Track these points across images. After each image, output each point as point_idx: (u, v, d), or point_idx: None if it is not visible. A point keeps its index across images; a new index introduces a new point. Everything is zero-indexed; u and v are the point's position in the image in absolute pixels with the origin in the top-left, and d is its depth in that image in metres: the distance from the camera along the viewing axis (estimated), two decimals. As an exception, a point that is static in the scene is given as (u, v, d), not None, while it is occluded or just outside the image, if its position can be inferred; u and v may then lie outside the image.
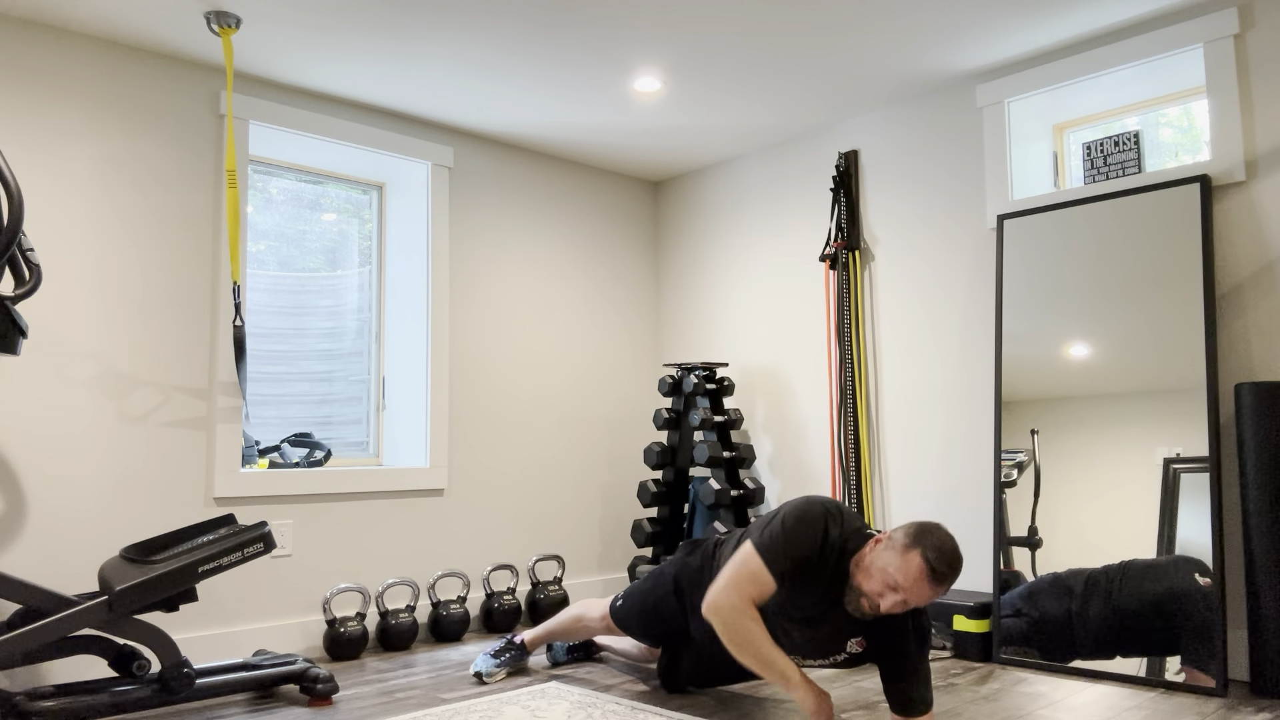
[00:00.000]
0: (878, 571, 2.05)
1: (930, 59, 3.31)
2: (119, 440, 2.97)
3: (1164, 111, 3.25)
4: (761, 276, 4.19)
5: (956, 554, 2.01)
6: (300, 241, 3.74)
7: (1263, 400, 2.61)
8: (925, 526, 2.05)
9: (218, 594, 3.13)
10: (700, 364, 3.94)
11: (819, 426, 3.91)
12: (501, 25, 2.98)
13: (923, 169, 3.63)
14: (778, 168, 4.15)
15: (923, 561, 1.99)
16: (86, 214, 2.96)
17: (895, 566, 2.01)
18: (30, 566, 2.79)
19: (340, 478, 3.43)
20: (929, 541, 2.00)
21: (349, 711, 2.54)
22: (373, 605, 3.47)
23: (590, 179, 4.43)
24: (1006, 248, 3.30)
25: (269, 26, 2.96)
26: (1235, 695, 2.60)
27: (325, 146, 3.60)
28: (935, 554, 1.99)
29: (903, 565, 2.00)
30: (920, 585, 2.00)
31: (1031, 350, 3.17)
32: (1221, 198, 2.89)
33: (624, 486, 4.42)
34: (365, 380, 3.87)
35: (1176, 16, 2.99)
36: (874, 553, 2.09)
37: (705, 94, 3.56)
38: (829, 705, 2.14)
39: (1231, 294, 2.86)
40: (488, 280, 3.99)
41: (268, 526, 2.54)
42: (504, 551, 3.92)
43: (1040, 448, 3.09)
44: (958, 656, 3.11)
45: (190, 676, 2.43)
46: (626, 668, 3.03)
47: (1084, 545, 2.92)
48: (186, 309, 3.14)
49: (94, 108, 3.00)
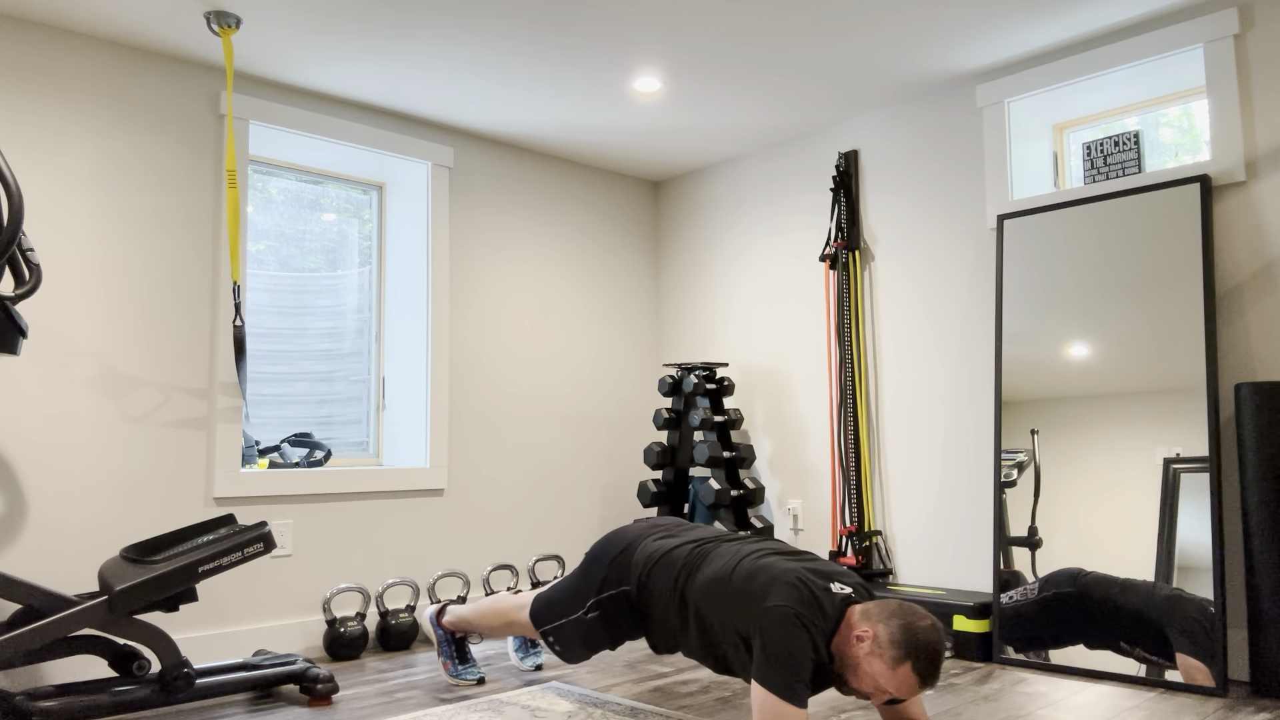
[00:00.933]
0: (867, 678, 2.02)
1: (930, 59, 3.31)
2: (119, 440, 2.97)
3: (1164, 111, 3.25)
4: (761, 276, 4.19)
5: (941, 651, 2.00)
6: (300, 241, 3.74)
7: (1263, 400, 2.61)
8: (908, 626, 2.00)
9: (218, 594, 3.13)
10: (700, 364, 3.94)
11: (819, 426, 3.91)
12: (501, 25, 2.98)
13: (923, 169, 3.63)
14: (778, 167, 4.15)
15: (913, 675, 1.98)
16: (86, 214, 2.96)
17: (885, 678, 1.99)
18: (30, 566, 2.79)
19: (340, 478, 3.43)
20: (918, 652, 1.98)
21: (349, 711, 2.54)
22: (373, 605, 3.47)
23: (590, 179, 4.43)
24: (1006, 248, 3.30)
25: (269, 26, 2.96)
26: (1235, 695, 2.60)
27: (325, 146, 3.60)
28: (925, 665, 1.98)
29: (894, 679, 1.98)
30: (912, 691, 2.00)
31: (1031, 350, 3.17)
32: (1221, 198, 2.89)
33: (624, 486, 4.42)
34: (365, 380, 3.87)
35: (1176, 16, 2.99)
36: (863, 657, 2.02)
37: (705, 94, 3.56)
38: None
39: (1231, 294, 2.86)
40: (488, 280, 3.99)
41: (268, 526, 2.55)
42: (504, 551, 3.92)
43: (1040, 448, 3.09)
44: (958, 656, 3.11)
45: (190, 676, 2.43)
46: (626, 668, 3.03)
47: (1084, 545, 2.92)
48: (186, 309, 3.14)
49: (94, 108, 3.00)
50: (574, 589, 2.48)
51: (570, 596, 2.48)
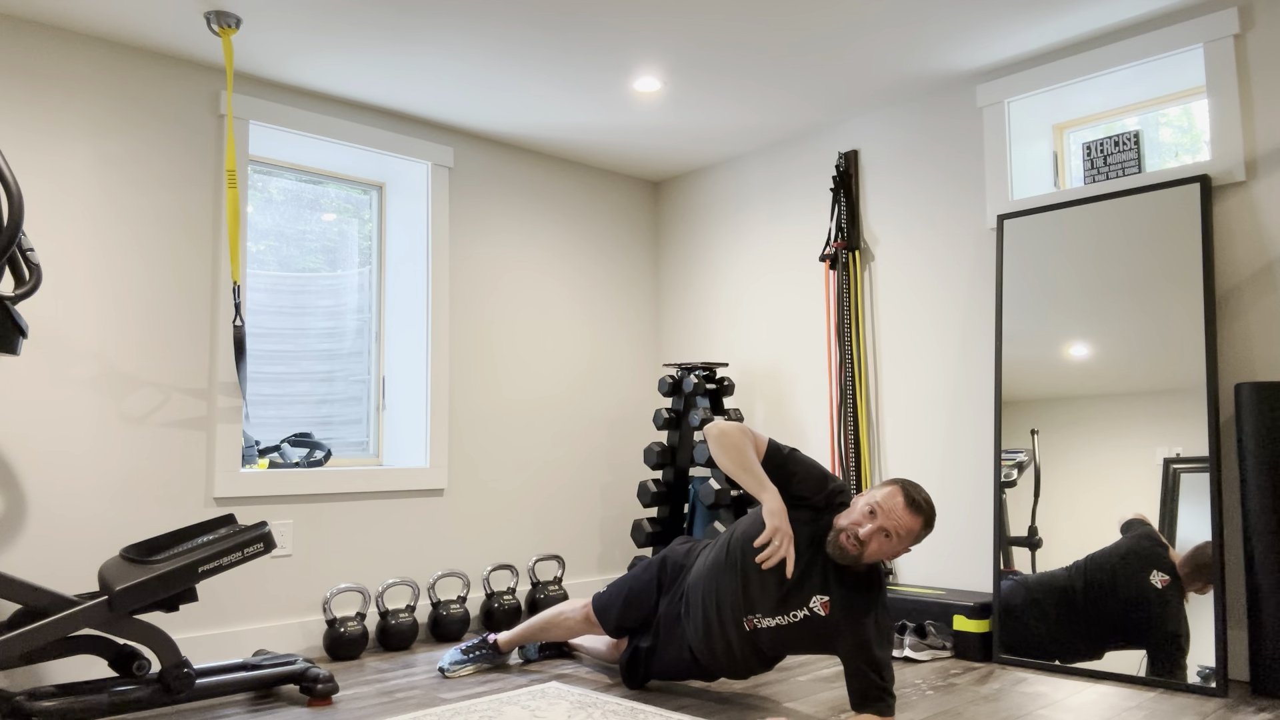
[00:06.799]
0: (859, 505, 2.28)
1: (930, 59, 3.31)
2: (119, 440, 2.97)
3: (1164, 111, 3.25)
4: (762, 276, 4.19)
5: (929, 498, 2.28)
6: (300, 241, 3.74)
7: (1263, 400, 2.61)
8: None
9: (218, 594, 3.13)
10: (700, 364, 3.94)
11: (819, 426, 3.91)
12: (501, 25, 2.98)
13: (923, 169, 3.63)
14: (778, 168, 4.15)
15: (899, 488, 2.25)
16: (87, 214, 2.96)
17: (872, 495, 2.27)
18: (30, 566, 2.79)
19: (340, 478, 3.43)
20: (904, 481, 2.29)
21: (349, 711, 2.54)
22: (373, 605, 3.47)
23: (590, 179, 4.43)
24: (1007, 248, 3.30)
25: (269, 26, 2.96)
26: (1235, 695, 2.60)
27: (325, 146, 3.60)
28: (911, 487, 2.26)
29: (880, 492, 2.26)
30: (897, 506, 2.22)
31: (1031, 350, 3.17)
32: (1221, 198, 2.89)
33: (624, 486, 4.42)
34: (365, 380, 3.87)
35: (1176, 16, 2.99)
36: (854, 499, 2.34)
37: (705, 94, 3.56)
38: (785, 512, 2.32)
39: (1231, 294, 2.86)
40: (488, 280, 3.99)
41: (268, 526, 2.55)
42: (504, 551, 3.92)
43: (1040, 448, 3.09)
44: (958, 656, 3.11)
45: (190, 676, 2.43)
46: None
47: (1084, 545, 2.91)
48: (186, 309, 3.14)
49: (94, 108, 3.00)
50: (638, 571, 2.77)
51: (635, 574, 2.77)
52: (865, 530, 2.21)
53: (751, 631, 2.41)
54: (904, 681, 2.81)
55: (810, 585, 2.32)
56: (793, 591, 2.33)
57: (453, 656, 2.96)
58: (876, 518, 2.22)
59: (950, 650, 3.14)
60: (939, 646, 3.14)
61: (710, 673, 2.59)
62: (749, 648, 2.44)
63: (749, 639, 2.42)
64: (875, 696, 2.20)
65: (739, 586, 2.42)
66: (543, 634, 2.94)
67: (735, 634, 2.43)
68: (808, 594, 2.32)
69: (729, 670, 2.52)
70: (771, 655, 2.46)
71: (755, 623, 2.39)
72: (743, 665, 2.49)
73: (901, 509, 2.22)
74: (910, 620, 3.24)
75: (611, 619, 2.73)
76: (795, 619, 2.34)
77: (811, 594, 2.32)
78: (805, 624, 2.33)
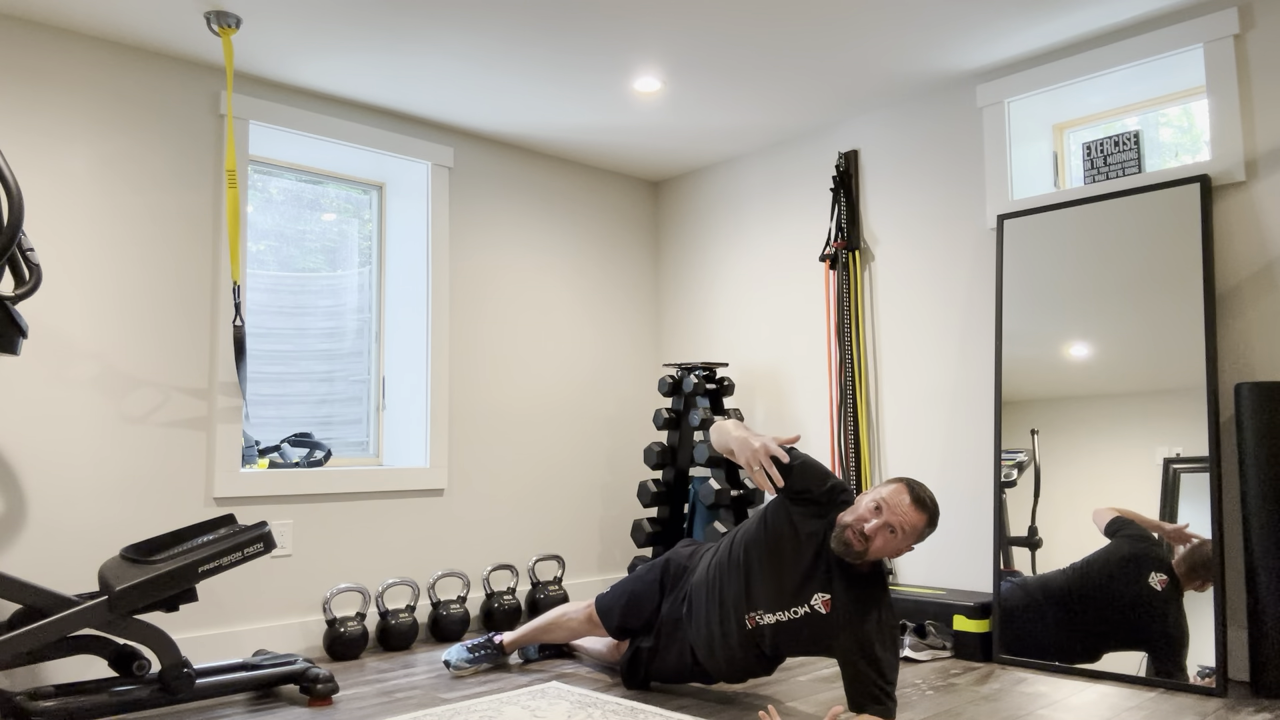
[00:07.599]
0: (864, 501, 2.29)
1: (930, 59, 3.31)
2: (119, 440, 2.97)
3: (1164, 111, 3.25)
4: (761, 276, 4.19)
5: (933, 495, 2.32)
6: (300, 241, 3.74)
7: (1263, 400, 2.61)
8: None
9: (218, 594, 3.13)
10: (700, 364, 3.94)
11: (819, 426, 3.91)
12: (501, 25, 2.98)
13: (923, 169, 3.63)
14: (778, 168, 4.15)
15: (904, 485, 2.27)
16: (86, 214, 2.96)
17: (878, 491, 2.28)
18: (30, 566, 2.79)
19: (340, 478, 3.43)
20: (908, 479, 2.31)
21: (349, 711, 2.54)
22: (373, 605, 3.47)
23: (590, 179, 4.43)
24: (1006, 248, 3.30)
25: (269, 26, 2.96)
26: (1235, 695, 2.60)
27: (325, 146, 3.60)
28: (916, 484, 2.27)
29: (885, 489, 2.28)
30: (902, 503, 2.23)
31: (1031, 350, 3.17)
32: (1221, 198, 2.89)
33: (624, 486, 4.42)
34: (365, 380, 3.87)
35: (1176, 16, 2.99)
36: (858, 497, 2.36)
37: (705, 94, 3.56)
38: (766, 440, 2.40)
39: (1231, 294, 2.86)
40: (488, 280, 3.99)
41: (268, 526, 2.55)
42: (504, 551, 3.92)
43: (1040, 448, 3.09)
44: (958, 656, 3.11)
45: (190, 676, 2.43)
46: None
47: (1084, 545, 2.92)
48: (186, 309, 3.14)
49: (94, 108, 3.00)
50: (641, 572, 2.80)
51: (638, 575, 2.79)
52: (871, 525, 2.22)
53: (754, 629, 2.41)
54: (904, 681, 2.81)
55: (813, 583, 2.33)
56: (795, 588, 2.34)
57: (460, 654, 2.96)
58: (882, 513, 2.22)
59: (950, 650, 3.14)
60: (939, 646, 3.14)
61: (711, 675, 2.59)
62: (750, 647, 2.44)
63: (751, 637, 2.42)
64: (875, 697, 2.19)
65: (742, 584, 2.43)
66: (546, 635, 2.96)
67: (737, 632, 2.43)
68: (810, 591, 2.33)
69: (729, 672, 2.52)
70: (772, 655, 2.46)
71: (757, 619, 2.40)
72: (743, 666, 2.49)
73: (907, 505, 2.22)
74: (910, 620, 3.24)
75: (614, 620, 2.74)
76: (796, 615, 2.34)
77: (813, 591, 2.32)
78: (806, 621, 2.33)
